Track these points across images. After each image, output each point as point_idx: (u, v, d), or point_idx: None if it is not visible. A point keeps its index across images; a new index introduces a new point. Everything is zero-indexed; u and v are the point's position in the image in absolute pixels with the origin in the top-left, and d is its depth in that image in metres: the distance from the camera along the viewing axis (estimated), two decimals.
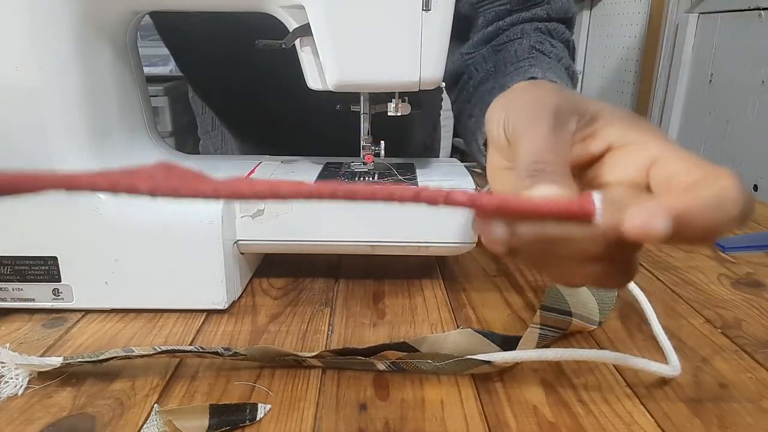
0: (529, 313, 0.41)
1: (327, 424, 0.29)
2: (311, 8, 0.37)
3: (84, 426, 0.29)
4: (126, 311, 0.41)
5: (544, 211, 0.20)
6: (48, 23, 0.36)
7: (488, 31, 0.51)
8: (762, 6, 1.43)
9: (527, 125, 0.25)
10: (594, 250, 0.21)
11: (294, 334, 0.38)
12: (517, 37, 0.49)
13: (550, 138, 0.24)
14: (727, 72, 1.57)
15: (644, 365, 0.32)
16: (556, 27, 0.50)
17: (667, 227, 0.18)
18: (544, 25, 0.50)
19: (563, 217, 0.20)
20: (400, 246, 0.42)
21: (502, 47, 0.49)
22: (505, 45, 0.49)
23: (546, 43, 0.47)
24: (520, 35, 0.49)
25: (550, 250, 0.21)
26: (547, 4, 0.50)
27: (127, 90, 0.43)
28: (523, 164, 0.23)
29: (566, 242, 0.21)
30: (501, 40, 0.50)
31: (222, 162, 0.48)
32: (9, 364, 0.32)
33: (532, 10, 0.50)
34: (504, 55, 0.47)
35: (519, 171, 0.23)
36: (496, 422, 0.29)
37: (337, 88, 0.39)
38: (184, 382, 0.33)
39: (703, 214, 0.19)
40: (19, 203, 0.38)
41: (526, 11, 0.50)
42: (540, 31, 0.50)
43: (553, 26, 0.50)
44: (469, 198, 0.20)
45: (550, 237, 0.21)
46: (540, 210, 0.20)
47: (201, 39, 0.58)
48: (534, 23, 0.50)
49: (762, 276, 0.47)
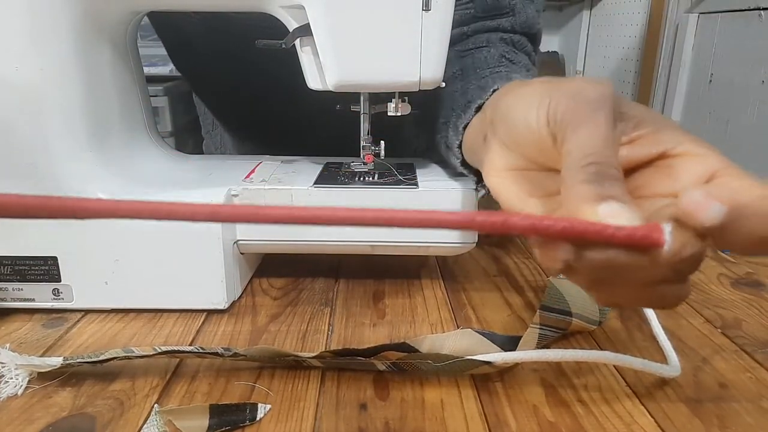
0: (529, 313, 0.41)
1: (327, 424, 0.29)
2: (311, 8, 0.37)
3: (84, 426, 0.29)
4: (126, 311, 0.41)
5: (614, 239, 0.19)
6: (48, 23, 0.36)
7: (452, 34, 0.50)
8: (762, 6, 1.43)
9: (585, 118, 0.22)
10: (656, 276, 0.20)
11: (294, 334, 0.38)
12: (483, 45, 0.49)
13: (611, 135, 0.22)
14: (727, 72, 1.57)
15: (644, 365, 0.32)
16: (519, 39, 0.50)
17: (719, 213, 0.18)
18: (509, 37, 0.50)
19: (630, 245, 0.19)
20: (400, 246, 0.42)
21: (468, 54, 0.48)
22: (470, 52, 0.49)
23: (512, 53, 0.47)
24: (486, 44, 0.49)
25: (614, 275, 0.20)
26: (512, 16, 0.50)
27: (127, 90, 0.43)
28: (578, 163, 0.21)
29: (633, 269, 0.20)
30: (466, 46, 0.49)
31: (222, 162, 0.48)
32: (9, 364, 0.32)
33: (497, 20, 0.49)
34: (472, 60, 0.46)
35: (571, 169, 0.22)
36: (496, 422, 0.29)
37: (337, 88, 0.39)
38: (184, 382, 0.33)
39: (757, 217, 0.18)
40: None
41: (491, 20, 0.49)
42: (505, 42, 0.50)
43: (517, 38, 0.50)
44: (530, 224, 0.19)
45: (619, 263, 0.20)
46: (609, 237, 0.19)
47: (200, 39, 0.58)
48: (499, 33, 0.49)
49: (762, 276, 0.47)
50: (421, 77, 0.38)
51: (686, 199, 0.19)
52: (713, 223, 0.18)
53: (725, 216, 0.18)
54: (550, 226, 0.19)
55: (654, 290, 0.21)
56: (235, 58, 0.59)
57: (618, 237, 0.19)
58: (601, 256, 0.19)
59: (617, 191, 0.20)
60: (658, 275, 0.20)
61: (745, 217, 0.18)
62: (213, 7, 0.44)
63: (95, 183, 0.38)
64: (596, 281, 0.22)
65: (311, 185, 0.41)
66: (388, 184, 0.41)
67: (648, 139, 0.23)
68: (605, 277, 0.21)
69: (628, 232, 0.19)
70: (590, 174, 0.21)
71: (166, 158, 0.46)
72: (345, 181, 0.42)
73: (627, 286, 0.21)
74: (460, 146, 0.39)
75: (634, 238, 0.19)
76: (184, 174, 0.45)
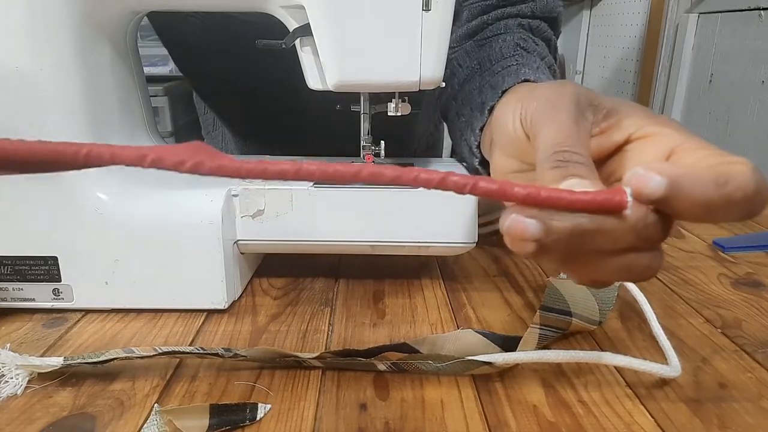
0: (529, 313, 0.41)
1: (327, 424, 0.29)
2: (311, 8, 0.37)
3: (84, 426, 0.29)
4: (126, 311, 0.41)
5: (576, 202, 0.20)
6: (48, 23, 0.36)
7: (472, 26, 0.50)
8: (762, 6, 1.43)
9: (548, 115, 0.25)
10: (623, 242, 0.21)
11: (294, 334, 0.38)
12: (501, 32, 0.49)
13: (573, 127, 0.24)
14: (727, 72, 1.57)
15: (644, 366, 0.32)
16: (539, 25, 0.50)
17: (660, 185, 0.19)
18: (527, 22, 0.50)
19: (594, 209, 0.20)
20: (400, 246, 0.42)
21: (486, 42, 0.49)
22: (488, 40, 0.49)
23: (529, 40, 0.47)
24: (503, 31, 0.49)
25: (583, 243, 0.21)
26: (532, 1, 0.50)
27: (127, 90, 0.43)
28: (547, 153, 0.23)
29: (599, 234, 0.21)
30: (485, 35, 0.50)
31: None
32: (9, 364, 0.32)
33: (518, 6, 0.50)
34: (488, 51, 0.46)
35: (541, 161, 0.23)
36: (496, 422, 0.29)
37: (337, 88, 0.39)
38: (184, 382, 0.33)
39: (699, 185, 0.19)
40: (19, 203, 0.38)
41: (512, 6, 0.50)
42: (523, 28, 0.50)
43: (536, 24, 0.50)
44: (499, 186, 0.19)
45: (585, 229, 0.20)
46: (572, 201, 0.20)
47: (200, 39, 0.58)
48: (518, 19, 0.50)
49: (762, 276, 0.47)
50: (421, 77, 0.38)
51: (628, 175, 0.20)
52: (656, 195, 0.20)
53: (667, 187, 0.19)
54: (518, 192, 0.19)
55: (625, 259, 0.22)
56: (235, 58, 0.59)
57: (582, 200, 0.20)
58: (568, 223, 0.20)
59: (581, 171, 0.22)
60: (627, 242, 0.21)
61: (687, 186, 0.19)
62: (213, 7, 0.44)
63: (95, 183, 0.38)
64: (568, 256, 0.22)
65: (311, 185, 0.41)
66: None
67: (615, 127, 0.25)
68: (575, 249, 0.21)
69: (591, 195, 0.20)
70: (556, 161, 0.22)
71: None
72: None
73: (598, 258, 0.22)
74: (479, 147, 0.40)
75: (596, 201, 0.20)
76: (184, 174, 0.45)
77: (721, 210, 0.20)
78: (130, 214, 0.39)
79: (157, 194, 0.40)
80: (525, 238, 0.20)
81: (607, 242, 0.21)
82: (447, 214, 0.41)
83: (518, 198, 0.20)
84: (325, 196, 0.41)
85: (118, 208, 0.38)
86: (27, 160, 0.17)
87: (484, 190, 0.19)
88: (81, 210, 0.38)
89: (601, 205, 0.20)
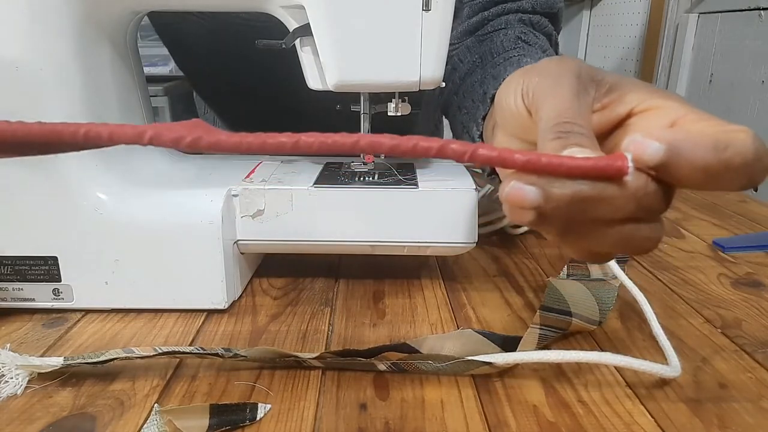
0: (529, 313, 0.41)
1: (327, 424, 0.29)
2: (311, 8, 0.37)
3: (84, 426, 0.29)
4: (126, 311, 0.41)
5: (576, 169, 0.20)
6: (48, 23, 0.36)
7: (473, 22, 0.50)
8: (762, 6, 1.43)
9: (550, 88, 0.25)
10: (624, 210, 0.21)
11: (294, 334, 0.38)
12: (501, 27, 0.49)
13: (574, 99, 0.24)
14: (727, 72, 1.57)
15: (644, 366, 0.31)
16: (539, 20, 0.50)
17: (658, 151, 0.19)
18: (528, 17, 0.50)
19: (594, 175, 0.20)
20: (400, 246, 0.42)
21: (487, 37, 0.49)
22: (489, 35, 0.49)
23: (530, 34, 0.47)
24: (504, 26, 0.49)
25: (583, 212, 0.21)
26: None
27: (127, 90, 0.43)
28: (548, 125, 0.23)
29: (600, 201, 0.20)
30: (485, 30, 0.50)
31: (222, 162, 0.48)
32: (9, 364, 0.32)
33: (518, 2, 0.50)
34: (489, 45, 0.46)
35: (543, 133, 0.23)
36: (496, 422, 0.29)
37: (337, 88, 0.39)
38: (184, 382, 0.33)
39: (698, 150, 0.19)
40: (19, 203, 0.38)
41: (512, 2, 0.50)
42: (523, 23, 0.50)
43: (537, 19, 0.50)
44: (498, 153, 0.19)
45: (586, 196, 0.20)
46: (572, 167, 0.19)
47: (199, 38, 0.58)
48: (518, 15, 0.50)
49: (762, 276, 0.47)
50: (421, 77, 0.38)
51: (626, 142, 0.20)
52: (655, 160, 0.20)
53: (666, 152, 0.19)
54: (517, 159, 0.19)
55: (624, 230, 0.21)
56: (236, 58, 0.59)
57: (583, 166, 0.20)
58: (568, 190, 0.20)
59: (582, 141, 0.22)
60: (627, 210, 0.21)
61: (686, 151, 0.19)
62: (213, 7, 0.44)
63: (95, 183, 0.38)
64: (567, 226, 0.22)
65: (311, 185, 0.41)
66: (388, 184, 0.41)
67: (617, 101, 0.25)
68: (574, 218, 0.21)
69: (592, 161, 0.20)
70: (557, 132, 0.22)
71: (166, 158, 0.46)
72: (345, 181, 0.42)
73: (597, 228, 0.21)
74: (482, 136, 0.40)
75: (598, 166, 0.20)
76: (184, 174, 0.45)
77: (720, 176, 0.19)
78: (130, 214, 0.39)
79: (157, 194, 0.40)
80: (524, 205, 0.20)
81: (608, 211, 0.21)
82: (447, 214, 0.41)
83: (518, 164, 0.19)
84: (325, 196, 0.41)
85: (118, 208, 0.38)
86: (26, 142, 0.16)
87: (483, 157, 0.19)
88: (81, 210, 0.38)
89: (603, 170, 0.20)
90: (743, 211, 0.64)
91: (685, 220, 0.61)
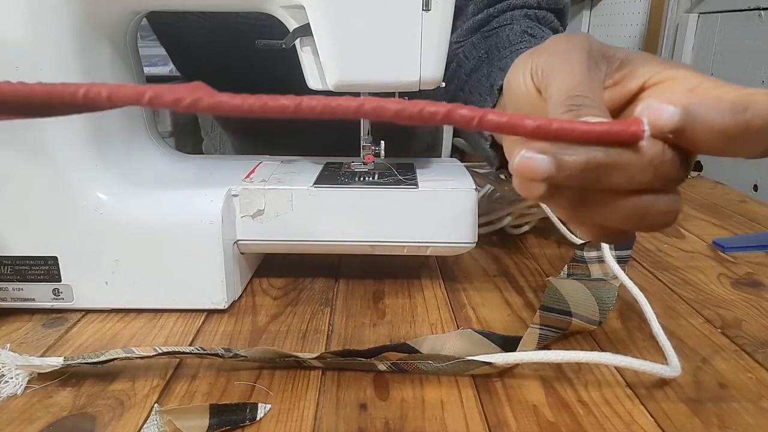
0: (529, 313, 0.41)
1: (327, 424, 0.29)
2: (311, 8, 0.37)
3: (84, 426, 0.29)
4: (126, 311, 0.41)
5: (590, 133, 0.19)
6: (48, 23, 0.36)
7: (478, 19, 0.50)
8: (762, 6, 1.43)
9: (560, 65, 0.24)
10: (640, 179, 0.20)
11: (294, 334, 0.38)
12: (507, 23, 0.49)
13: (586, 74, 0.23)
14: (727, 72, 1.57)
15: (644, 366, 0.31)
16: (545, 15, 0.50)
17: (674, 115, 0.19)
18: (534, 13, 0.50)
19: (609, 140, 0.19)
20: (400, 246, 0.42)
21: (492, 33, 0.49)
22: (495, 31, 0.49)
23: (536, 28, 0.47)
24: (510, 21, 0.49)
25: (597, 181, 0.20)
26: None
27: None
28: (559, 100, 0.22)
29: (615, 169, 0.19)
30: (491, 26, 0.50)
31: (222, 162, 0.48)
32: (9, 364, 0.32)
33: None
34: (495, 40, 0.46)
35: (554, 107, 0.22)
36: (496, 422, 0.29)
37: (337, 88, 0.39)
38: (184, 382, 0.33)
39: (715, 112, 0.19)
40: (19, 203, 0.38)
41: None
42: (529, 18, 0.50)
43: (543, 14, 0.50)
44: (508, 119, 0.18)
45: (600, 162, 0.19)
46: (585, 132, 0.19)
47: (199, 38, 0.58)
48: (524, 10, 0.50)
49: (762, 276, 0.47)
50: (421, 77, 0.38)
51: (639, 108, 0.20)
52: (670, 125, 0.19)
53: (681, 116, 0.19)
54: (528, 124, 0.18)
55: (641, 201, 0.20)
56: (235, 58, 0.59)
57: (596, 131, 0.19)
58: (581, 157, 0.19)
59: (595, 113, 0.21)
60: (643, 180, 0.20)
61: (702, 114, 0.19)
62: (213, 7, 0.44)
63: (95, 183, 0.38)
64: (580, 200, 0.21)
65: (311, 185, 0.41)
66: (388, 184, 0.41)
67: (629, 76, 0.24)
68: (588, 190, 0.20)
69: (606, 125, 0.19)
70: (568, 105, 0.22)
71: (166, 158, 0.46)
72: (345, 181, 0.42)
73: (611, 200, 0.20)
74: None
75: (612, 131, 0.19)
76: (184, 174, 0.45)
77: (740, 139, 0.19)
78: (130, 214, 0.39)
79: (157, 194, 0.40)
80: (535, 176, 0.19)
81: (623, 179, 0.20)
82: (447, 214, 0.41)
83: (528, 130, 0.18)
84: (325, 196, 0.41)
85: (118, 208, 0.38)
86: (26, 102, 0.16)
87: (492, 123, 0.18)
88: (81, 210, 0.38)
89: (617, 135, 0.19)
90: (743, 211, 0.64)
91: (685, 220, 0.61)
